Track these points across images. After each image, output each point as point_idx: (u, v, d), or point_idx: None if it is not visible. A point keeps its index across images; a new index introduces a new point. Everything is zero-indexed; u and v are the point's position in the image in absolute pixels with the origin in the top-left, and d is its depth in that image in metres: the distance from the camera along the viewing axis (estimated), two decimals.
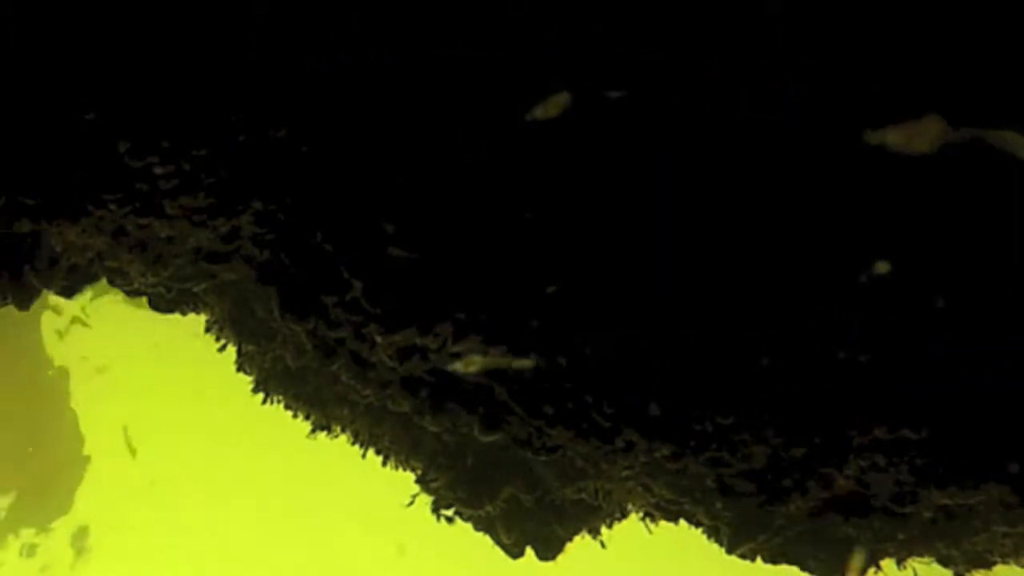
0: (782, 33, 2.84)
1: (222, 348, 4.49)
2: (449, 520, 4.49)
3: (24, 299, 3.88)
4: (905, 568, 4.27)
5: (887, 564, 4.25)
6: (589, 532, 4.55)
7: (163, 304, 4.28)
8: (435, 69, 3.04)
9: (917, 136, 2.96)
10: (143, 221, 3.51)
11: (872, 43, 2.83)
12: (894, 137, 2.97)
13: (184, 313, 4.37)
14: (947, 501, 3.69)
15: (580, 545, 4.57)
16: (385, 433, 4.38)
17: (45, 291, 4.02)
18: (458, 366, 3.55)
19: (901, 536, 4.00)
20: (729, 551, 4.19)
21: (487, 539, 4.58)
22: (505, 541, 4.49)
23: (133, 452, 15.96)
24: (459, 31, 2.96)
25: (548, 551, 4.52)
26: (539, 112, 3.05)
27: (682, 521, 4.29)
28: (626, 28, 2.89)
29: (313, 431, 4.59)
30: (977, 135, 2.92)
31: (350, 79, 3.14)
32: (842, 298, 3.25)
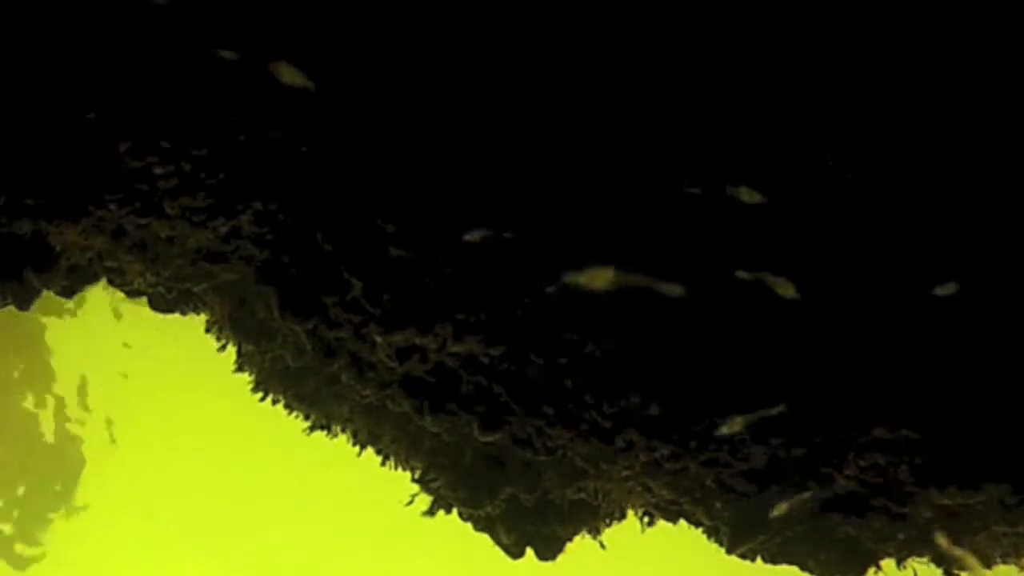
0: (782, 35, 2.84)
1: (222, 348, 4.49)
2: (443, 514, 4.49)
3: (24, 299, 3.87)
4: (905, 568, 4.28)
5: (887, 564, 4.25)
6: (589, 532, 4.55)
7: (163, 304, 4.28)
8: (435, 71, 3.04)
9: None
10: (143, 221, 3.51)
11: (871, 45, 2.83)
12: None
13: (184, 313, 4.36)
14: (947, 501, 3.69)
15: (580, 545, 4.56)
16: (385, 433, 4.38)
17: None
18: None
19: (901, 536, 4.00)
20: (729, 551, 4.19)
21: (487, 539, 4.58)
22: (505, 541, 4.48)
23: (113, 440, 15.97)
24: (459, 33, 2.96)
25: (548, 551, 4.51)
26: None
27: (682, 521, 4.29)
28: (626, 30, 2.89)
29: (310, 430, 4.59)
30: None
31: (350, 80, 3.14)
32: (842, 299, 3.25)
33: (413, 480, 4.48)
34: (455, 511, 4.45)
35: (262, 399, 4.53)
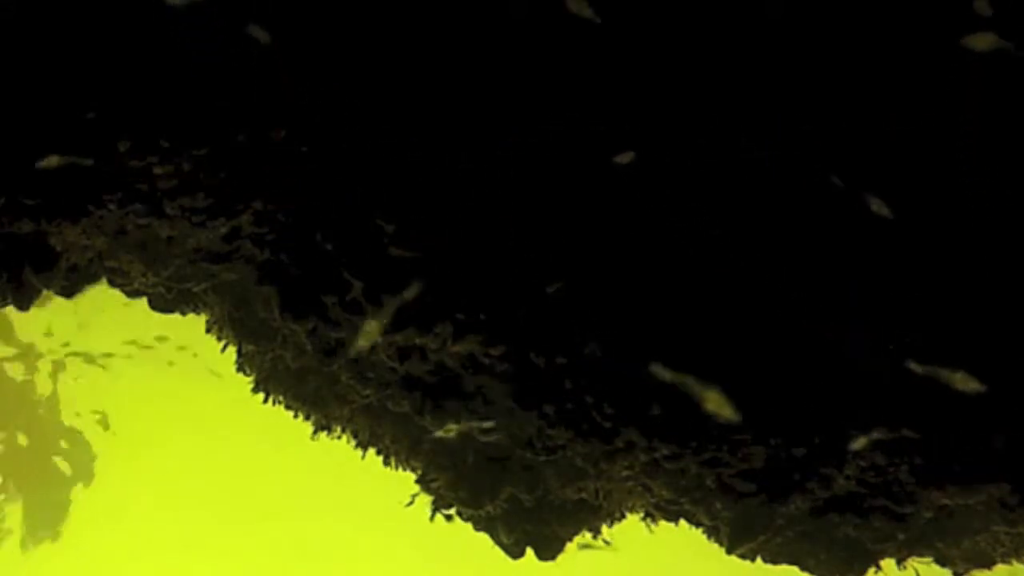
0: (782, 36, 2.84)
1: (223, 348, 4.49)
2: (449, 519, 4.48)
3: (24, 299, 3.88)
4: (905, 568, 4.27)
5: (887, 564, 4.25)
6: (589, 532, 4.55)
7: (163, 304, 4.28)
8: (435, 71, 3.04)
9: None
10: (143, 221, 3.51)
11: (871, 48, 2.83)
12: None
13: (184, 313, 4.36)
14: (947, 501, 3.69)
15: (580, 545, 4.56)
16: (385, 433, 4.37)
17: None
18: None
19: (901, 536, 3.99)
20: (729, 551, 4.19)
21: (487, 539, 4.58)
22: (505, 541, 4.48)
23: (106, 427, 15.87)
24: (458, 36, 2.96)
25: (548, 551, 4.51)
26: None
27: (682, 521, 4.28)
28: (623, 34, 2.89)
29: (314, 431, 4.59)
30: None
31: (350, 80, 3.15)
32: (843, 300, 3.25)
33: (416, 481, 4.49)
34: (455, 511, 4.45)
35: (264, 400, 4.53)
